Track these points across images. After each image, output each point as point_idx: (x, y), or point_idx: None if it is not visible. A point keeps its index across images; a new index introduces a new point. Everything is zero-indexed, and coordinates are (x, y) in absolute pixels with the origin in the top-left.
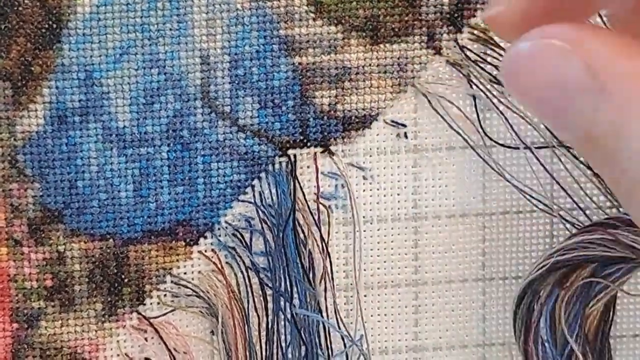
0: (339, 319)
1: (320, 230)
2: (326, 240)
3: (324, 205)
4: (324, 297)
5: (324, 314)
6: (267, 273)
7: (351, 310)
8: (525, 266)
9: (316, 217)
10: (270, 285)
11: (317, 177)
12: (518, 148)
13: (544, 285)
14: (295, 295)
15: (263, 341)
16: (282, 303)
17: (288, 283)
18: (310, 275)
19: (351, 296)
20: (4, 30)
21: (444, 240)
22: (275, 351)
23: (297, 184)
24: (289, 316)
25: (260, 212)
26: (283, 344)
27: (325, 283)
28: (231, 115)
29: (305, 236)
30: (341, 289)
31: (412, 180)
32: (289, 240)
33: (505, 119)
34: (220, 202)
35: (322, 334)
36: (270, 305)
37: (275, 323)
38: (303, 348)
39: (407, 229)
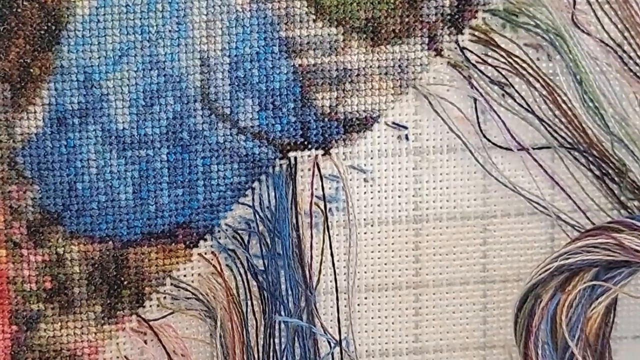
0: (322, 322)
1: (311, 233)
2: (323, 243)
3: (319, 208)
4: (314, 300)
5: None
6: (264, 276)
7: (352, 312)
8: (526, 269)
9: (313, 221)
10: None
11: (312, 181)
12: (515, 149)
13: (546, 289)
14: (291, 299)
15: (260, 344)
16: (277, 306)
17: (284, 286)
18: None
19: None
20: (3, 32)
21: (445, 242)
22: (271, 354)
23: (295, 187)
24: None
25: (258, 215)
26: (277, 348)
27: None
28: (231, 117)
29: (300, 239)
30: (342, 290)
31: (413, 182)
32: (286, 244)
33: (503, 121)
34: (220, 205)
35: (318, 337)
36: (267, 308)
37: (271, 326)
38: (297, 351)
39: (408, 231)
